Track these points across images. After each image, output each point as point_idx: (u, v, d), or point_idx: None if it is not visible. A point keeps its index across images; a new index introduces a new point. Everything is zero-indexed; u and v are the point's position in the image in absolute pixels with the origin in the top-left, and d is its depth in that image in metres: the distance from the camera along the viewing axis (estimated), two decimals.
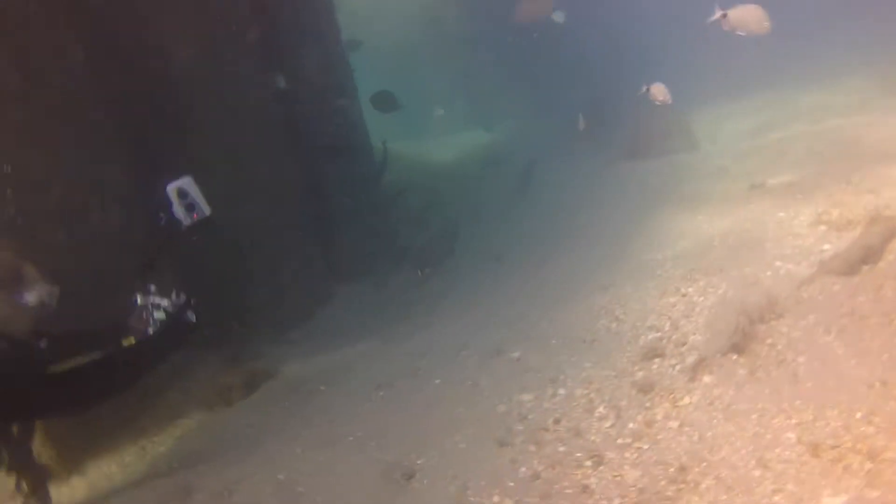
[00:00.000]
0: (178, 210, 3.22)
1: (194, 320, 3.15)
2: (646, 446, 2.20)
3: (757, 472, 1.96)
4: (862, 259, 2.79)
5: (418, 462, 2.40)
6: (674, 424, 2.29)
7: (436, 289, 5.66)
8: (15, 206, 3.55)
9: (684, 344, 2.73)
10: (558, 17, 9.18)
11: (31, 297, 2.69)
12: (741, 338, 2.59)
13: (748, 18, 4.20)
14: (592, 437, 2.32)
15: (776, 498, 1.86)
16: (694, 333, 2.79)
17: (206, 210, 3.25)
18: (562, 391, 2.67)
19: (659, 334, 2.88)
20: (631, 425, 2.34)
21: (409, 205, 8.21)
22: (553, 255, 5.19)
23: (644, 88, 5.51)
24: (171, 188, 3.23)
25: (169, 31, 4.74)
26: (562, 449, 2.30)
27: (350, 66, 7.21)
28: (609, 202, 6.26)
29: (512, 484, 2.17)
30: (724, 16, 4.15)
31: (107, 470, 3.46)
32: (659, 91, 5.42)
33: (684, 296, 3.18)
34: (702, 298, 3.06)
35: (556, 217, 6.85)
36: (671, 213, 4.93)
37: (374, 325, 5.15)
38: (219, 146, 5.09)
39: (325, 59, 6.53)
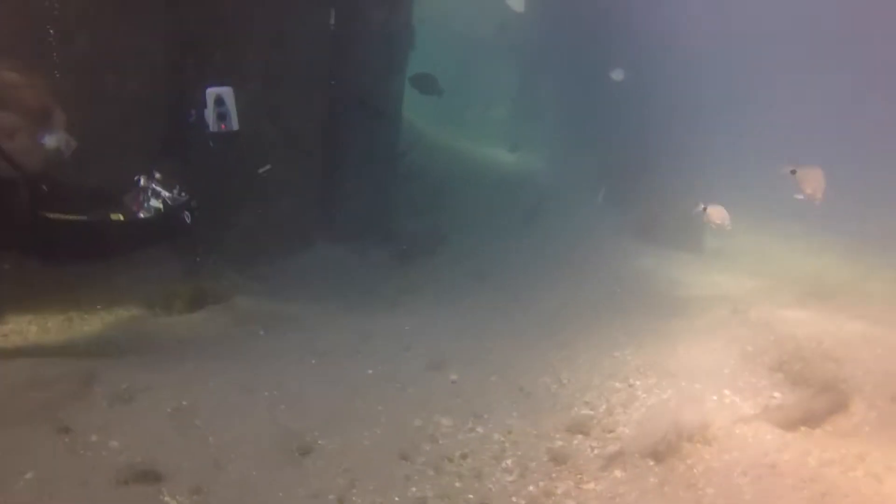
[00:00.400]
0: (210, 114, 3.26)
1: (188, 221, 3.13)
2: None
3: None
4: (801, 420, 2.83)
5: (319, 442, 2.39)
6: (570, 503, 2.31)
7: (413, 279, 5.65)
8: (56, 48, 3.53)
9: (611, 432, 2.75)
10: (617, 75, 9.19)
11: (50, 140, 2.70)
12: (665, 447, 2.61)
13: (807, 180, 4.24)
14: (490, 485, 2.33)
15: None
16: (624, 425, 2.80)
17: (235, 125, 3.29)
18: (480, 429, 2.67)
19: (592, 412, 2.89)
20: (531, 488, 2.34)
21: (418, 191, 8.20)
22: (532, 293, 5.22)
23: (701, 207, 5.12)
24: (211, 92, 3.27)
25: None
26: (457, 485, 2.30)
27: (413, 33, 7.17)
28: (598, 275, 6.27)
29: (397, 499, 2.17)
30: (793, 172, 4.25)
31: (25, 327, 3.42)
32: (717, 214, 5.04)
33: (631, 386, 3.20)
34: (645, 395, 3.08)
35: (548, 257, 6.89)
36: (651, 306, 4.97)
37: (341, 289, 5.14)
38: (258, 63, 5.04)
39: (388, 19, 6.51)
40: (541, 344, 3.81)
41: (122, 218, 3.08)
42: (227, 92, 3.29)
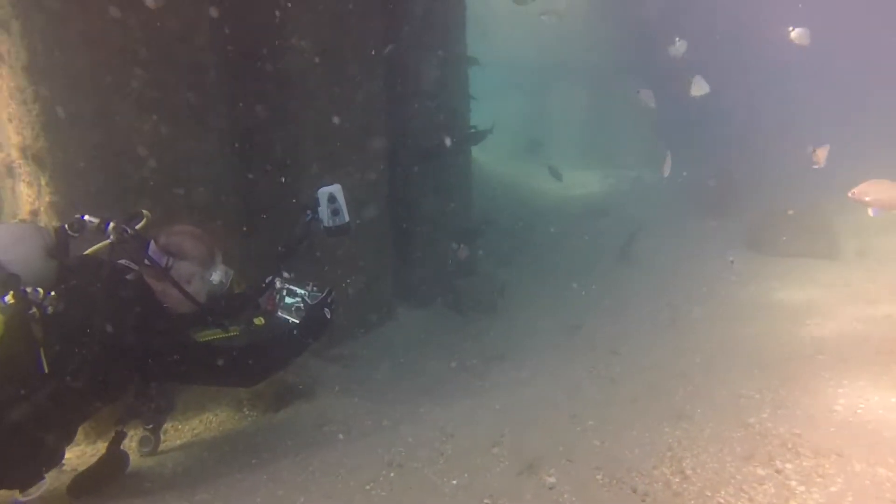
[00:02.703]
0: (324, 212, 3.56)
1: (329, 316, 3.31)
2: None
3: None
4: None
5: None
6: None
7: (500, 341, 5.26)
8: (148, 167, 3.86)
9: None
10: (679, 47, 8.31)
11: (216, 277, 3.06)
12: None
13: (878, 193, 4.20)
14: None
15: None
16: None
17: (347, 218, 3.59)
18: None
19: None
20: None
21: (497, 238, 7.86)
22: (633, 343, 4.62)
23: (811, 148, 5.07)
24: (324, 191, 3.59)
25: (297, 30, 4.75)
26: None
27: (467, 80, 7.00)
28: (708, 309, 5.48)
29: None
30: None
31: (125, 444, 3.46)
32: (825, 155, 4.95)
33: (779, 472, 2.55)
34: (802, 488, 2.42)
35: (648, 295, 6.19)
36: (782, 346, 4.16)
37: (424, 364, 4.86)
38: (316, 144, 5.04)
39: (442, 72, 6.37)
40: (650, 414, 3.23)
41: (262, 322, 3.39)
42: (337, 189, 3.59)
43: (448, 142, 6.27)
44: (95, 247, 2.90)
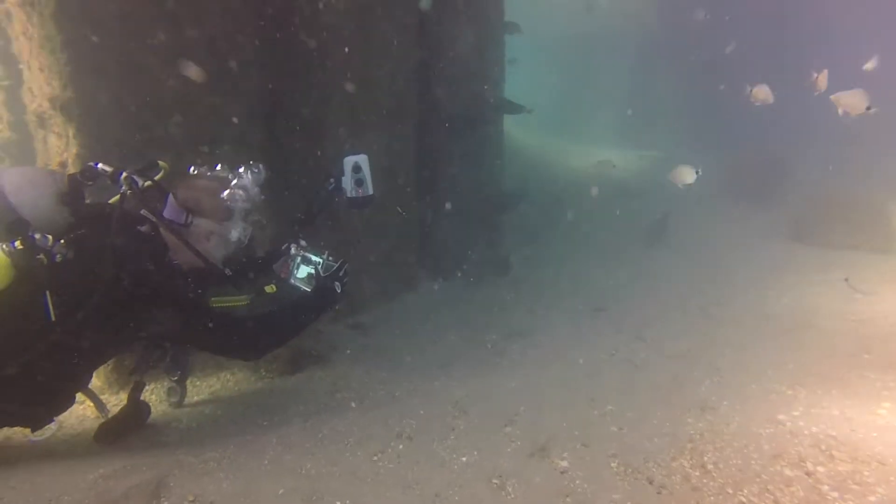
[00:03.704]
0: (348, 181, 3.47)
1: (339, 290, 3.23)
2: None
3: None
4: None
5: None
6: None
7: (521, 318, 5.14)
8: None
9: None
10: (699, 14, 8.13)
11: (234, 234, 2.99)
12: None
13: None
14: None
15: None
16: None
17: (371, 190, 3.49)
18: None
19: None
20: None
21: (526, 213, 7.68)
22: (659, 329, 4.45)
23: (748, 89, 5.33)
24: (349, 160, 3.48)
25: None
26: None
27: (503, 48, 6.74)
28: (743, 298, 5.24)
29: None
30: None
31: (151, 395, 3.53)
32: (762, 93, 5.21)
33: (810, 475, 2.39)
34: (836, 494, 2.26)
35: (679, 279, 5.96)
36: (823, 340, 3.93)
37: (442, 336, 4.79)
38: (343, 107, 4.92)
39: (479, 38, 6.13)
40: (673, 403, 3.09)
41: (274, 289, 3.33)
42: (363, 159, 3.48)
43: (483, 112, 6.07)
44: (116, 196, 2.86)
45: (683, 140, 11.25)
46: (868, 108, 4.66)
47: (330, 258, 3.34)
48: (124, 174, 2.81)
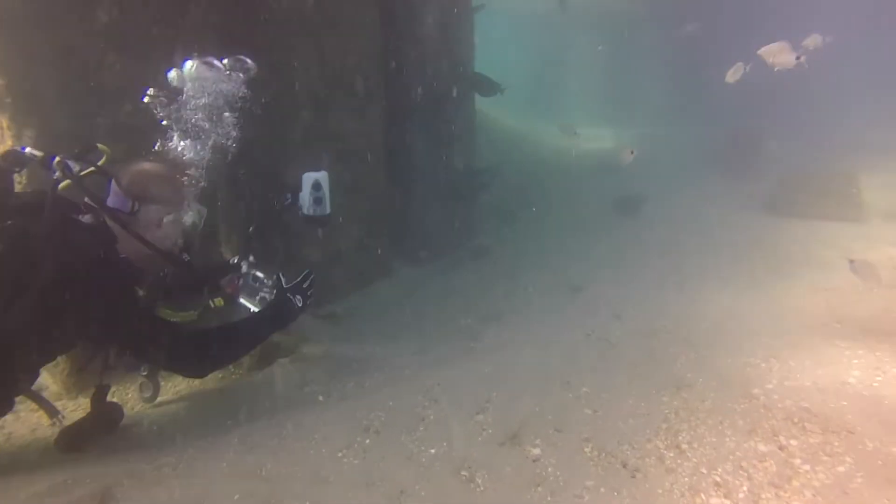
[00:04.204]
0: (306, 198, 3.36)
1: (301, 305, 3.16)
2: None
3: None
4: None
5: None
6: None
7: (496, 301, 5.06)
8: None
9: None
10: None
11: (188, 218, 2.84)
12: None
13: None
14: None
15: None
16: None
17: (329, 209, 3.41)
18: None
19: (719, 502, 2.11)
20: None
21: (501, 193, 7.56)
22: (636, 307, 4.39)
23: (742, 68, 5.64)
24: (308, 176, 3.37)
25: None
26: None
27: (471, 27, 6.56)
28: (718, 270, 5.21)
29: None
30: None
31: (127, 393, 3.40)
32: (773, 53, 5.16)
33: (783, 449, 2.35)
34: (807, 467, 2.22)
35: (655, 255, 5.92)
36: (800, 315, 3.90)
37: (416, 322, 4.68)
38: (306, 89, 4.72)
39: (445, 15, 5.94)
40: (649, 381, 3.03)
41: (221, 303, 3.22)
42: (323, 177, 3.38)
43: (454, 91, 5.90)
44: (63, 184, 2.66)
45: (664, 117, 11.19)
46: (798, 58, 4.75)
47: (283, 281, 3.19)
48: (57, 159, 2.61)
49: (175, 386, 3.74)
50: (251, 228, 3.36)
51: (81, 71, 3.50)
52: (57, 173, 2.53)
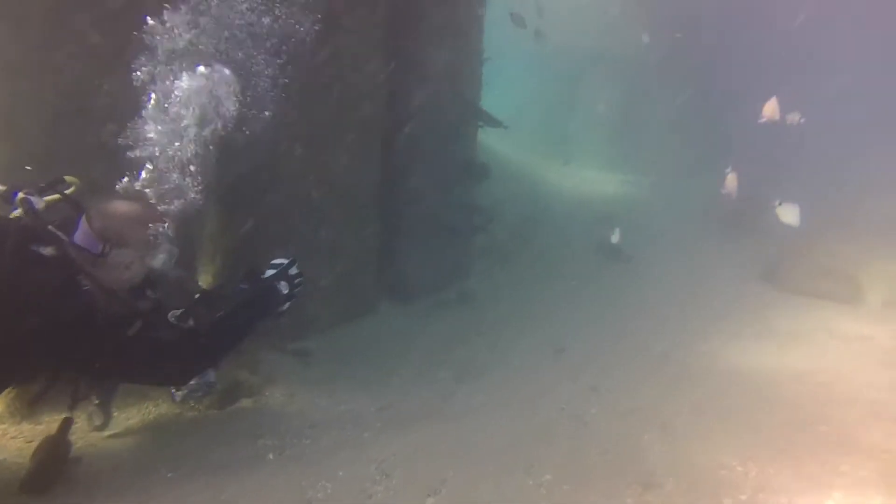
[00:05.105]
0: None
1: (286, 291, 3.18)
2: None
3: None
4: None
5: None
6: None
7: (479, 354, 4.91)
8: None
9: None
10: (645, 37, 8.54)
11: (157, 262, 2.75)
12: None
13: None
14: None
15: None
16: None
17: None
18: None
19: None
20: None
21: (498, 234, 7.44)
22: (619, 378, 4.23)
23: (777, 202, 5.36)
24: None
25: None
26: None
27: (481, 64, 6.51)
28: (706, 346, 5.04)
29: None
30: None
31: (45, 428, 3.21)
32: (789, 213, 5.20)
33: None
34: None
35: (645, 316, 5.77)
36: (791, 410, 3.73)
37: (390, 371, 4.52)
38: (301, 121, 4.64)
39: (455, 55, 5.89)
40: (617, 474, 2.85)
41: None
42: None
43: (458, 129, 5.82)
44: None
45: (671, 165, 11.09)
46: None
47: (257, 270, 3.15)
48: (20, 195, 2.52)
49: (128, 419, 3.58)
50: (197, 295, 3.18)
51: (66, 90, 3.41)
52: (17, 210, 2.44)
